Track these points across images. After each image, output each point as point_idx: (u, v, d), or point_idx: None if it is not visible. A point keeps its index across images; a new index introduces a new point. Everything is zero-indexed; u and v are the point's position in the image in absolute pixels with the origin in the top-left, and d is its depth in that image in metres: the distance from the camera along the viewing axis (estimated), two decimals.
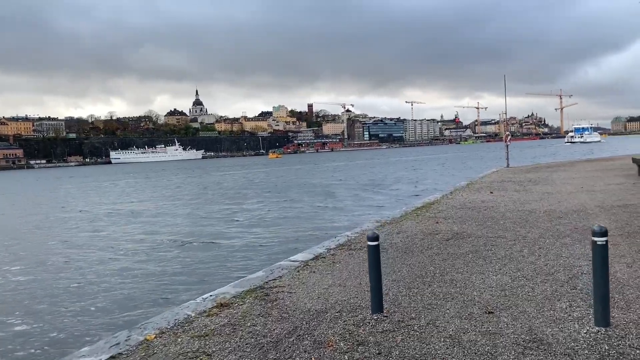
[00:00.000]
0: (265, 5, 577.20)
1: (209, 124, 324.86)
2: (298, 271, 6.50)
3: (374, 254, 4.72)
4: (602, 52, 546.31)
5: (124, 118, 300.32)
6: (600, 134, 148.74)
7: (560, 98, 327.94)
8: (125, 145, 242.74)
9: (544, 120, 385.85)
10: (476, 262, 6.39)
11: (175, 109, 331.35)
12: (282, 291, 5.61)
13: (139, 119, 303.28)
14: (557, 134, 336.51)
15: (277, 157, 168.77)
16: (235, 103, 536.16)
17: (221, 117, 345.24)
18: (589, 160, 27.89)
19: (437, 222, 9.71)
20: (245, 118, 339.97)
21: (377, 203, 22.83)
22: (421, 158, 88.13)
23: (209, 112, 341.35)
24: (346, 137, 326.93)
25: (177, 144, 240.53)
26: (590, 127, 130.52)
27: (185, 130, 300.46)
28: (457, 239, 7.93)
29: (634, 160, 15.87)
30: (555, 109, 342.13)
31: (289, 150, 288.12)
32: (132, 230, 19.09)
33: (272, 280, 6.12)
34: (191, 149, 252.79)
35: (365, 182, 38.29)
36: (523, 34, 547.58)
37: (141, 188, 47.56)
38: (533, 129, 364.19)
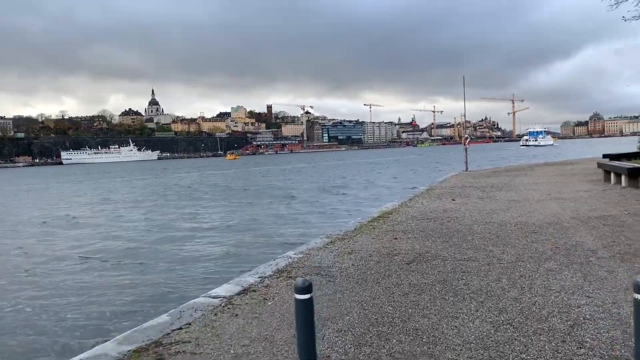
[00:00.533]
0: (223, 4, 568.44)
1: (165, 124, 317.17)
2: (215, 314, 4.92)
3: (304, 311, 3.16)
4: (551, 59, 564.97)
5: (77, 117, 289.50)
6: (552, 137, 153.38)
7: (513, 103, 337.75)
8: (77, 146, 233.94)
9: (497, 124, 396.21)
10: (445, 299, 5.00)
11: (130, 109, 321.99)
12: (184, 351, 4.02)
13: (92, 118, 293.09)
14: (509, 137, 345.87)
15: (235, 158, 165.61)
16: (192, 103, 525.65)
17: (178, 117, 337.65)
18: (547, 164, 27.41)
19: (395, 238, 8.32)
20: (203, 119, 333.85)
21: (334, 210, 21.42)
22: (380, 160, 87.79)
23: (165, 112, 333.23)
24: (306, 138, 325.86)
25: (132, 144, 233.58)
26: (544, 131, 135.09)
27: (140, 131, 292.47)
28: (420, 262, 6.55)
29: (600, 165, 15.10)
30: (508, 113, 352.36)
31: (248, 152, 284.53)
32: (55, 242, 16.92)
33: (177, 330, 4.52)
34: (146, 149, 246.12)
35: (324, 185, 36.94)
36: (476, 40, 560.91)
37: (85, 190, 44.56)
38: (487, 133, 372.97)
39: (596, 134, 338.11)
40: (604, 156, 21.43)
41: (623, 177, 13.03)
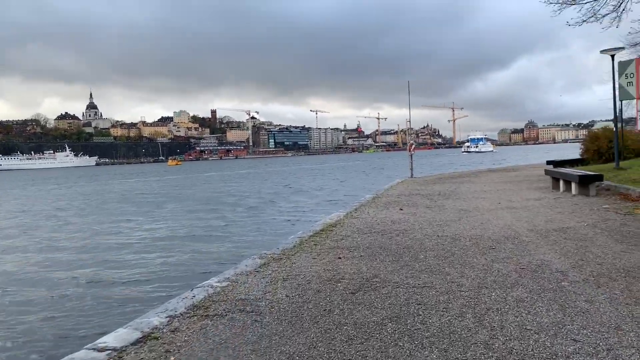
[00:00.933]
0: (163, 7, 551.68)
1: (103, 128, 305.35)
2: None
3: None
4: (488, 69, 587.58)
5: (7, 121, 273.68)
6: (491, 144, 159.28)
7: (453, 110, 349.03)
8: (7, 151, 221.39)
9: (438, 131, 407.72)
10: (400, 346, 3.93)
11: (66, 113, 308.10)
12: None
13: (25, 122, 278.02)
14: (450, 144, 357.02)
15: (177, 164, 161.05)
16: (132, 107, 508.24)
17: (117, 121, 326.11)
18: (491, 170, 27.34)
19: (339, 257, 7.24)
20: (144, 123, 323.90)
21: (274, 221, 20.20)
22: (326, 166, 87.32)
23: (104, 117, 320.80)
24: (251, 144, 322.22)
25: (67, 149, 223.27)
26: (484, 138, 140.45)
27: (77, 136, 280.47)
28: (367, 291, 5.47)
29: (548, 172, 14.72)
30: (448, 121, 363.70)
31: (191, 157, 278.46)
32: None
33: None
34: (84, 155, 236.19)
35: (268, 192, 35.64)
36: (418, 49, 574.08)
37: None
38: (428, 139, 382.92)
39: (531, 141, 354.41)
40: (548, 162, 21.46)
41: (573, 185, 12.59)
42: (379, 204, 13.32)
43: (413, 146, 23.79)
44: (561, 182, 13.42)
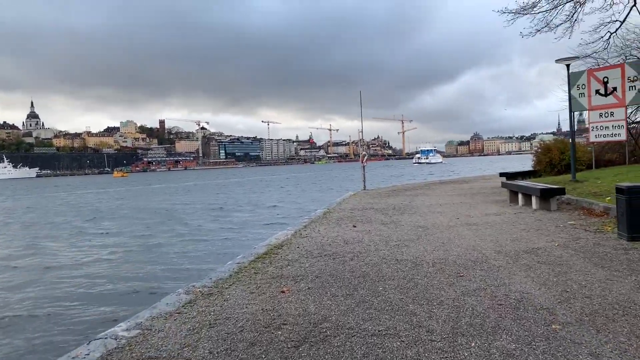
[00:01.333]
0: (109, 15, 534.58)
1: (45, 139, 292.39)
2: None
3: None
4: (436, 82, 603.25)
5: None
6: (440, 155, 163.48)
7: (402, 123, 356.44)
8: None
9: (389, 143, 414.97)
10: None
11: (5, 122, 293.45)
12: None
13: None
14: (399, 155, 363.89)
15: (122, 175, 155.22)
16: (77, 117, 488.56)
17: (61, 132, 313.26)
18: (443, 182, 26.62)
19: (282, 291, 6.04)
20: (89, 133, 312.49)
21: (214, 241, 18.53)
22: (276, 178, 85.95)
23: (46, 127, 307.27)
24: (201, 155, 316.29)
25: (5, 160, 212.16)
26: (434, 150, 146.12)
27: (16, 146, 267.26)
28: (314, 343, 4.29)
29: (505, 185, 14.10)
30: (398, 133, 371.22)
31: (138, 169, 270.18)
32: None
33: None
34: (23, 166, 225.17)
35: (214, 206, 33.94)
36: (366, 61, 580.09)
37: None
38: (379, 151, 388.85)
39: (477, 153, 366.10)
40: (501, 175, 21.05)
41: (534, 199, 11.92)
42: (331, 220, 12.22)
43: (366, 157, 22.31)
44: (520, 196, 12.75)
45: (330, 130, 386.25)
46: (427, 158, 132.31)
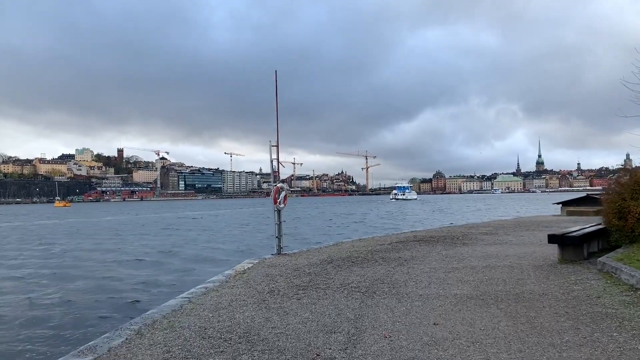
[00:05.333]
0: (56, 36, 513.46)
1: None
2: None
3: None
4: (396, 120, 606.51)
5: None
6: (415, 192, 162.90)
7: (366, 159, 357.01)
8: None
9: (352, 178, 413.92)
10: None
11: None
12: None
13: None
14: (363, 191, 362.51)
15: (64, 205, 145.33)
16: (28, 143, 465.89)
17: (10, 157, 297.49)
18: (442, 237, 21.45)
19: None
20: (41, 160, 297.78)
21: (90, 312, 13.29)
22: (227, 212, 79.55)
23: None
24: (159, 185, 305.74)
25: None
26: (410, 186, 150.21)
27: None
28: None
29: (553, 238, 9.38)
30: (362, 168, 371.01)
31: (91, 198, 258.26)
32: None
33: None
34: None
35: (127, 253, 28.16)
36: (324, 96, 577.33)
37: None
38: (343, 186, 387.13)
39: (439, 191, 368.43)
40: (550, 238, 14.26)
41: None
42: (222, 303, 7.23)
43: (283, 193, 11.53)
44: None
45: (294, 164, 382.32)
46: (403, 194, 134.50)
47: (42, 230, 42.12)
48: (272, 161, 11.21)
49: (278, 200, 11.27)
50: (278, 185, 11.35)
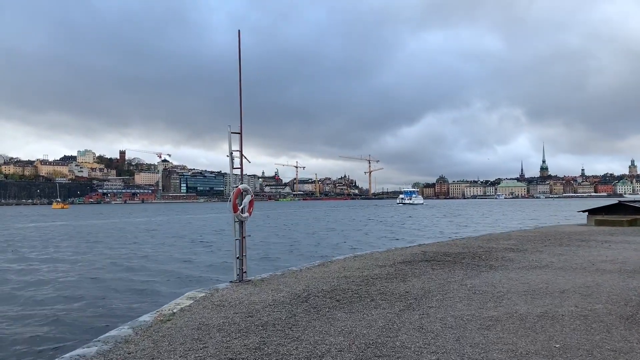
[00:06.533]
0: (52, 35, 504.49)
1: None
2: None
3: None
4: (398, 124, 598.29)
5: None
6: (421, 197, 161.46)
7: (369, 163, 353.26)
8: None
9: (355, 182, 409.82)
10: None
11: None
12: None
13: None
14: (366, 195, 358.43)
15: (62, 207, 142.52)
16: (30, 144, 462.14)
17: (11, 158, 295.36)
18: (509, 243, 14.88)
19: None
20: (42, 162, 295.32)
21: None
22: (220, 216, 76.48)
23: None
24: (161, 188, 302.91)
25: None
26: (417, 191, 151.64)
27: None
28: None
29: None
30: (365, 173, 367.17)
31: (91, 200, 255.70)
32: None
33: None
34: None
35: (131, 265, 25.17)
36: (325, 99, 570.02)
37: None
38: (346, 190, 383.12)
39: (442, 196, 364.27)
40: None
41: None
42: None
43: (247, 198, 8.41)
44: None
45: (296, 167, 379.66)
46: (410, 199, 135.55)
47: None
48: (231, 154, 8.13)
49: (240, 208, 8.17)
50: (240, 186, 8.28)
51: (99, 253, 23.33)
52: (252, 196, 8.54)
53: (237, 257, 8.18)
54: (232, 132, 7.99)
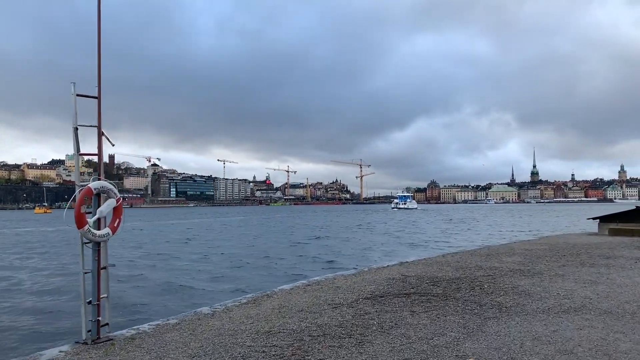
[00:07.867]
0: (37, 38, 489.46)
1: None
2: None
3: None
4: (389, 129, 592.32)
5: None
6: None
7: (361, 167, 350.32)
8: None
9: (347, 187, 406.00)
10: None
11: None
12: None
13: None
14: (357, 200, 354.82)
15: (45, 212, 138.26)
16: (17, 147, 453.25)
17: None
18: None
19: None
20: (29, 165, 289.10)
21: None
22: (204, 221, 72.55)
23: None
24: (150, 192, 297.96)
25: None
26: (411, 196, 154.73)
27: None
28: None
29: None
30: (356, 177, 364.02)
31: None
32: None
33: None
34: None
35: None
36: (316, 103, 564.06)
37: None
38: (337, 195, 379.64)
39: (433, 200, 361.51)
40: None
41: None
42: None
43: (108, 203, 5.81)
44: None
45: (287, 172, 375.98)
46: (404, 204, 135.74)
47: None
48: (76, 129, 5.02)
49: (89, 221, 4.97)
50: (91, 184, 5.12)
51: None
52: (118, 199, 5.38)
53: (87, 302, 4.98)
54: (78, 95, 4.84)
